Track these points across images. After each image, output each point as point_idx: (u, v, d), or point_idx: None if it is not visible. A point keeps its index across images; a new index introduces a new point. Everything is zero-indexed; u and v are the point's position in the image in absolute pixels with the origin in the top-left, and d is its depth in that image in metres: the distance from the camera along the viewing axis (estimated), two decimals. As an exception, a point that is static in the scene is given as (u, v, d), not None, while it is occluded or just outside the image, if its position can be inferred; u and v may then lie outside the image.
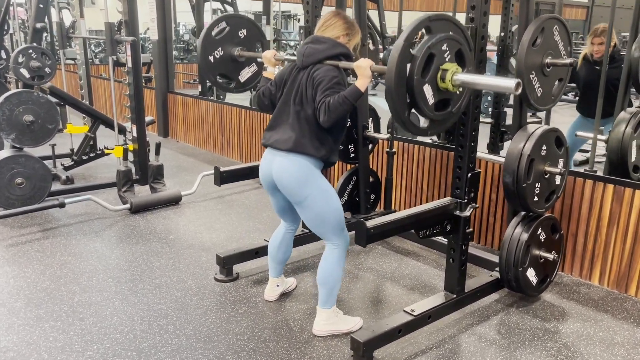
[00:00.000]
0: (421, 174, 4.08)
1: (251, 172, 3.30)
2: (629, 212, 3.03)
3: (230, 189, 4.99)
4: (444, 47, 2.10)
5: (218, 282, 3.19)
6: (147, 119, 5.19)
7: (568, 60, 2.61)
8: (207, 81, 3.34)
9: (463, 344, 2.60)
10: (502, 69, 4.30)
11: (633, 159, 3.36)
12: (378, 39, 6.55)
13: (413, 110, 2.17)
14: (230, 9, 10.02)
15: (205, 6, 7.72)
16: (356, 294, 3.07)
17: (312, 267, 3.41)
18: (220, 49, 3.25)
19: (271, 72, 2.79)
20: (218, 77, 3.37)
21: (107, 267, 3.38)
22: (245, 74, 3.40)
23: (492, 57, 5.96)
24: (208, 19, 9.85)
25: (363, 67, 2.33)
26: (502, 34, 4.28)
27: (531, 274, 2.88)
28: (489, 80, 2.13)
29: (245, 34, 3.33)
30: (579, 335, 2.69)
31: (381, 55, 6.40)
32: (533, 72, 2.60)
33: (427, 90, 2.08)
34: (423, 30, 2.14)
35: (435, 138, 4.65)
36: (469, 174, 2.63)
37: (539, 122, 3.52)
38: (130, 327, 2.70)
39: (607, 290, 3.16)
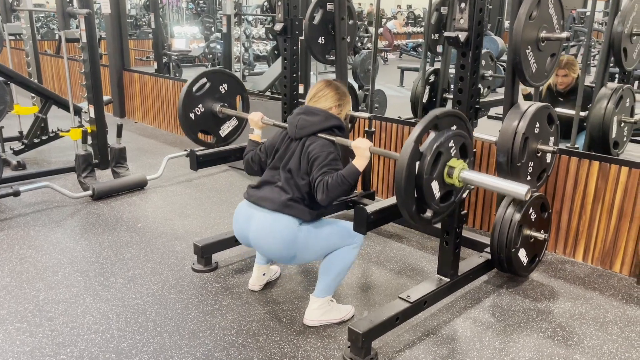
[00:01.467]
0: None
1: (230, 155, 3.11)
2: (615, 189, 3.01)
3: (198, 171, 4.73)
4: (450, 144, 2.10)
5: (196, 272, 3.00)
6: (104, 98, 4.84)
7: (564, 35, 2.53)
8: (187, 137, 3.17)
9: (459, 329, 2.53)
10: None
11: (614, 135, 3.36)
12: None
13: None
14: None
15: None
16: (344, 280, 2.94)
17: (294, 253, 3.26)
18: (201, 105, 3.15)
19: (258, 134, 2.80)
20: (199, 133, 3.24)
21: (72, 260, 3.12)
22: (225, 129, 3.31)
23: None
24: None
25: (362, 148, 2.31)
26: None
27: (522, 254, 2.84)
28: (496, 183, 2.10)
29: (226, 88, 3.25)
30: (572, 314, 2.67)
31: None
32: (529, 47, 2.50)
33: (435, 185, 2.09)
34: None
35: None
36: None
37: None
38: (105, 326, 2.49)
39: (591, 267, 3.16)
